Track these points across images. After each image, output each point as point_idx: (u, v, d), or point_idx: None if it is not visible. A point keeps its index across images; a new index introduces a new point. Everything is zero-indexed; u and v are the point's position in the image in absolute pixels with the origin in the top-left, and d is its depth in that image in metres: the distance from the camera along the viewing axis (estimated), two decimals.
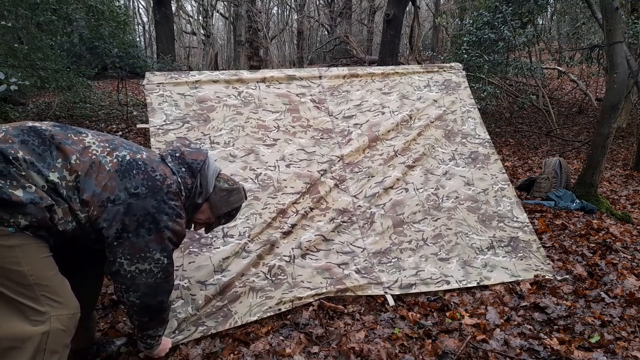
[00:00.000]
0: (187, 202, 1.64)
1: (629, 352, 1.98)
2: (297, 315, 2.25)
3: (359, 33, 20.41)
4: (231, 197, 1.78)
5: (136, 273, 1.50)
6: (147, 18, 24.12)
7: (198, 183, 1.65)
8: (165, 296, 1.63)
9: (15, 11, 5.64)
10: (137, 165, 1.49)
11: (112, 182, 1.43)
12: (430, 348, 2.02)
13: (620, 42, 4.10)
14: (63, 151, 1.39)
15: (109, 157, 1.46)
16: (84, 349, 1.90)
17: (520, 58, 9.22)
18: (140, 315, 1.62)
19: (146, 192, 1.47)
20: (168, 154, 1.65)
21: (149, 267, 1.51)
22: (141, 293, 1.54)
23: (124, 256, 1.48)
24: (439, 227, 2.77)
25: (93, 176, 1.41)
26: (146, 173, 1.49)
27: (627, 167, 6.47)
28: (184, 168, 1.63)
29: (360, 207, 2.74)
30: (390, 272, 2.53)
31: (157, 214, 1.48)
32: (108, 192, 1.42)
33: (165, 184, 1.51)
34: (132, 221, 1.45)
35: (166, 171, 1.56)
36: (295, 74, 3.07)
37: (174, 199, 1.54)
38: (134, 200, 1.45)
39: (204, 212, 1.77)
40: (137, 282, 1.52)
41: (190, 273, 2.25)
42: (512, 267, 2.68)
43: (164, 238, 1.51)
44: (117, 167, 1.45)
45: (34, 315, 1.34)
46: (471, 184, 3.00)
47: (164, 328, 1.76)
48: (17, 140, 1.34)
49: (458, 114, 3.26)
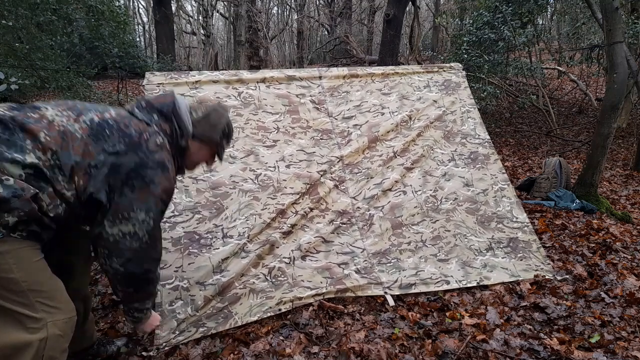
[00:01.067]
0: (172, 149, 1.55)
1: (629, 352, 1.98)
2: (297, 315, 2.25)
3: (359, 33, 20.42)
4: (212, 120, 1.67)
5: (119, 236, 1.39)
6: (147, 18, 24.12)
7: (176, 126, 1.56)
8: (152, 265, 1.52)
9: (15, 11, 5.64)
10: (108, 125, 1.39)
11: (88, 148, 1.35)
12: (430, 348, 2.02)
13: (620, 42, 4.10)
14: (29, 131, 1.29)
15: (76, 125, 1.36)
16: (84, 349, 1.89)
17: (520, 58, 9.22)
18: (125, 284, 1.50)
19: (125, 149, 1.38)
20: (134, 107, 1.55)
21: (134, 230, 1.40)
22: (125, 259, 1.42)
23: (107, 217, 1.38)
24: (438, 229, 2.77)
25: (69, 147, 1.32)
26: (120, 130, 1.40)
27: (627, 167, 6.47)
28: (156, 115, 1.53)
29: (359, 209, 2.74)
30: (390, 272, 2.53)
31: (141, 169, 1.39)
32: (88, 159, 1.35)
33: (143, 139, 1.42)
34: (117, 180, 1.37)
35: (140, 125, 1.46)
36: (295, 75, 3.07)
37: (157, 151, 1.43)
38: (113, 159, 1.36)
39: (199, 149, 1.67)
40: (121, 247, 1.40)
41: (190, 274, 2.25)
42: (511, 267, 2.68)
43: (150, 194, 1.41)
44: (88, 132, 1.36)
45: (29, 323, 1.31)
46: (470, 185, 3.00)
47: (152, 301, 1.66)
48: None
49: (458, 114, 3.26)
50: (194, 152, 1.66)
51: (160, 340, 2.02)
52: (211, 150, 1.72)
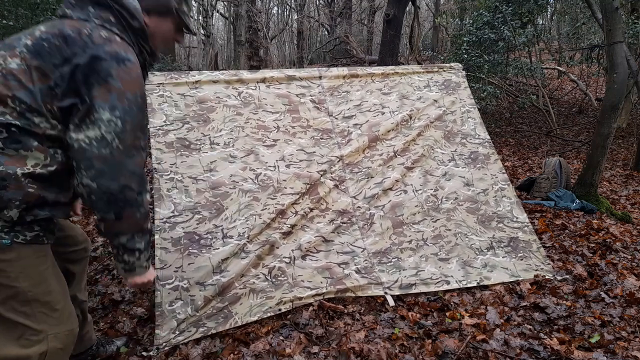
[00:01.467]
0: (128, 34, 1.34)
1: (629, 352, 1.98)
2: (297, 315, 2.25)
3: (359, 33, 20.42)
4: None
5: (85, 143, 1.20)
6: None
7: (117, 7, 1.32)
8: (131, 181, 1.26)
9: (15, 11, 5.64)
10: (45, 40, 1.21)
11: (40, 72, 1.19)
12: (430, 348, 2.02)
13: (620, 42, 4.10)
14: None
15: (15, 59, 1.19)
16: (83, 351, 1.89)
17: (520, 58, 9.23)
18: (102, 207, 1.26)
19: (70, 52, 1.20)
20: (64, 9, 1.33)
21: (100, 134, 1.19)
22: (95, 171, 1.21)
23: (71, 121, 1.21)
24: (439, 228, 2.77)
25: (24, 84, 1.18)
26: (59, 38, 1.21)
27: (627, 167, 6.47)
28: (92, 8, 1.31)
29: (359, 208, 2.74)
30: (390, 272, 2.53)
31: (93, 62, 1.20)
32: (47, 83, 1.20)
33: (84, 35, 1.23)
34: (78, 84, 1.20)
35: (75, 24, 1.26)
36: (295, 74, 3.07)
37: (104, 44, 1.23)
38: (66, 68, 1.19)
39: (159, 24, 1.44)
40: (88, 155, 1.20)
41: (190, 274, 2.25)
42: (512, 267, 2.68)
43: (111, 90, 1.21)
44: (31, 58, 1.20)
45: (29, 334, 1.26)
46: (471, 185, 3.00)
47: (146, 241, 1.39)
48: None
49: (458, 114, 3.26)
50: (155, 29, 1.43)
51: (160, 340, 2.02)
52: (174, 21, 1.46)
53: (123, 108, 1.22)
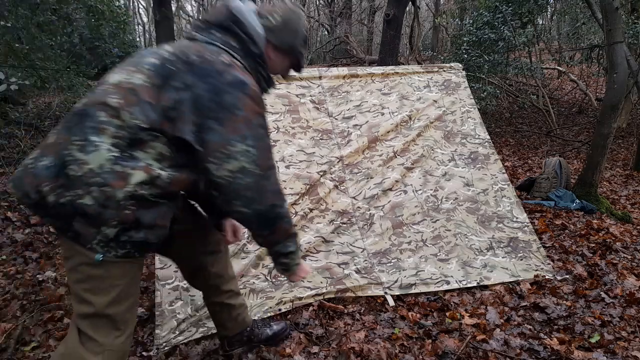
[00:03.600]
0: (247, 62, 1.37)
1: (629, 352, 1.98)
2: (297, 315, 2.26)
3: (359, 33, 20.41)
4: (291, 24, 1.45)
5: (229, 177, 1.24)
6: (147, 18, 24.12)
7: (241, 34, 1.36)
8: (276, 199, 1.35)
9: (15, 11, 5.64)
10: (169, 61, 1.23)
11: (160, 92, 1.20)
12: (430, 348, 2.02)
13: (620, 42, 4.10)
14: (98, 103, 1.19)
15: (140, 75, 1.21)
16: (238, 333, 1.90)
17: (520, 58, 9.23)
18: (257, 227, 1.39)
19: (193, 79, 1.21)
20: (193, 30, 1.39)
21: (240, 165, 1.24)
22: (245, 200, 1.28)
23: (208, 160, 1.23)
24: (438, 229, 2.77)
25: (142, 99, 1.19)
26: (183, 62, 1.23)
27: (627, 167, 6.47)
28: (216, 31, 1.35)
29: (359, 209, 2.74)
30: (390, 272, 2.53)
31: (217, 96, 1.21)
32: (165, 102, 1.20)
33: (208, 61, 1.25)
34: (200, 116, 1.21)
35: (199, 48, 1.28)
36: (295, 74, 3.07)
37: (226, 70, 1.25)
38: (188, 95, 1.20)
39: (278, 58, 1.49)
40: (235, 188, 1.26)
41: None
42: (512, 267, 2.68)
43: (238, 121, 1.23)
44: (154, 77, 1.21)
45: (90, 344, 1.27)
46: (470, 185, 3.00)
47: (295, 243, 1.51)
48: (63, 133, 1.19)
49: (458, 115, 3.26)
50: (273, 62, 1.48)
51: (160, 340, 2.02)
52: (291, 59, 1.52)
53: (253, 135, 1.25)
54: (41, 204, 1.16)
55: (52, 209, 1.15)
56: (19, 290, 2.48)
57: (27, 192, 1.16)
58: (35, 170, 1.16)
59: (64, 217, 1.16)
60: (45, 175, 1.15)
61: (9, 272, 2.67)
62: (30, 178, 1.17)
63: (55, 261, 2.85)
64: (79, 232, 1.17)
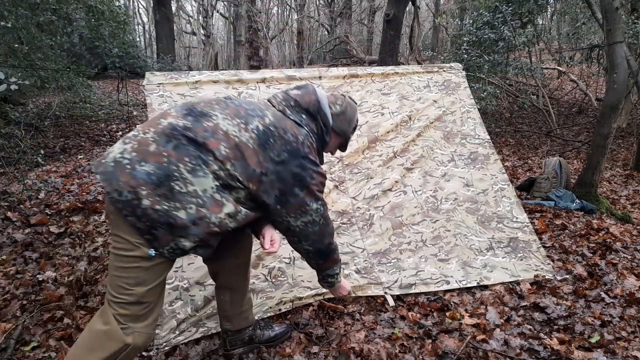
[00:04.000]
0: (318, 144, 1.72)
1: (629, 352, 1.98)
2: (297, 315, 2.26)
3: (359, 33, 20.42)
4: (348, 115, 1.82)
5: (303, 226, 1.65)
6: (147, 18, 24.12)
7: (321, 124, 1.71)
8: (331, 238, 1.79)
9: (15, 11, 5.64)
10: (271, 133, 1.53)
11: (259, 157, 1.49)
12: (430, 348, 2.02)
13: (620, 42, 4.10)
14: (210, 146, 1.40)
15: (247, 134, 1.48)
16: (240, 329, 1.96)
17: (520, 58, 9.22)
18: (316, 258, 1.81)
19: (288, 157, 1.54)
20: (284, 106, 1.67)
21: (311, 218, 1.65)
22: (312, 241, 1.71)
23: (289, 215, 1.61)
24: (438, 229, 2.77)
25: (244, 158, 1.45)
26: (281, 138, 1.54)
27: (627, 167, 6.47)
28: (304, 115, 1.68)
29: (359, 209, 2.74)
30: (390, 272, 2.53)
31: (302, 172, 1.57)
32: (259, 168, 1.49)
33: (299, 143, 1.58)
34: (285, 185, 1.55)
35: (294, 128, 1.60)
36: (295, 75, 3.07)
37: (310, 152, 1.61)
38: (280, 168, 1.53)
39: (333, 140, 1.83)
40: (306, 233, 1.67)
41: (189, 274, 2.25)
42: (512, 267, 2.68)
43: (313, 188, 1.62)
44: (257, 141, 1.49)
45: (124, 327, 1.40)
46: (470, 185, 3.00)
47: (339, 266, 1.93)
48: (170, 149, 1.36)
49: (458, 115, 3.26)
50: (330, 141, 1.82)
51: (160, 340, 2.02)
52: (340, 141, 1.87)
53: (319, 197, 1.66)
54: (132, 204, 1.30)
55: (142, 211, 1.30)
56: (19, 290, 2.48)
57: (120, 190, 1.30)
58: (135, 172, 1.31)
59: (151, 221, 1.32)
60: (145, 180, 1.31)
61: (9, 272, 2.67)
62: (126, 177, 1.30)
63: (55, 261, 2.85)
64: (157, 237, 1.34)
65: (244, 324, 1.97)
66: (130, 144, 1.37)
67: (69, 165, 5.33)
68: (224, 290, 1.91)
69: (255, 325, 2.02)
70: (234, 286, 1.91)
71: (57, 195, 4.06)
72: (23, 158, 5.01)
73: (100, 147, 6.54)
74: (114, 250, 1.39)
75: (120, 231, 1.36)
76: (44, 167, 5.19)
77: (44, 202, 3.83)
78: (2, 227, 3.28)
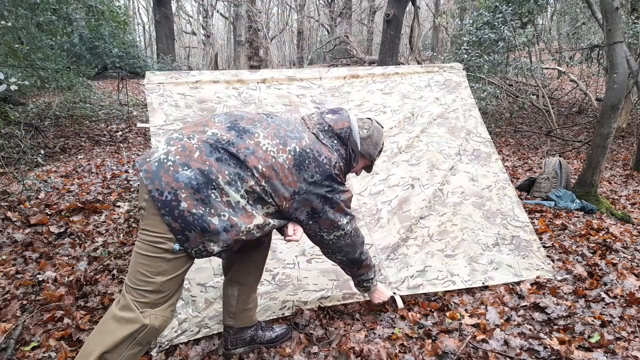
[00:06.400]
0: (346, 168, 1.81)
1: (629, 352, 1.98)
2: (297, 316, 2.26)
3: (359, 33, 20.42)
4: (374, 139, 1.89)
5: (335, 239, 1.78)
6: (147, 18, 24.12)
7: (350, 150, 1.79)
8: (362, 247, 1.92)
9: (15, 11, 5.64)
10: (306, 155, 1.61)
11: (293, 177, 1.58)
12: (430, 348, 2.02)
13: (620, 42, 4.10)
14: (250, 163, 1.49)
15: (283, 155, 1.56)
16: (243, 328, 1.97)
17: (520, 58, 9.22)
18: (350, 267, 1.96)
19: (320, 178, 1.63)
20: (319, 130, 1.73)
21: (343, 232, 1.77)
22: (345, 252, 1.85)
23: (322, 230, 1.74)
24: (445, 223, 2.77)
25: (279, 177, 1.54)
26: (315, 160, 1.63)
27: (627, 167, 6.47)
28: (336, 140, 1.75)
29: (365, 204, 2.73)
30: (399, 269, 2.52)
31: (332, 193, 1.68)
32: (293, 187, 1.58)
33: (331, 166, 1.66)
34: (317, 204, 1.66)
35: (327, 152, 1.68)
36: (295, 75, 3.07)
37: (339, 175, 1.71)
38: (313, 188, 1.63)
39: (359, 164, 1.91)
40: (339, 245, 1.81)
41: (191, 275, 2.25)
42: (515, 265, 2.68)
43: (343, 207, 1.74)
44: (293, 162, 1.58)
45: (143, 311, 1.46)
46: (475, 180, 3.00)
47: (373, 272, 2.08)
48: (212, 159, 1.44)
49: (460, 112, 3.26)
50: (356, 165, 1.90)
51: (163, 339, 2.02)
52: (365, 163, 1.94)
53: (348, 212, 1.78)
54: (171, 205, 1.37)
55: (179, 212, 1.38)
56: (19, 290, 2.48)
57: (161, 190, 1.37)
58: (177, 175, 1.39)
59: (186, 222, 1.38)
60: (186, 184, 1.38)
61: (9, 272, 2.67)
62: (169, 179, 1.38)
63: (55, 261, 2.85)
64: (189, 238, 1.41)
65: (247, 322, 1.98)
66: (175, 147, 1.44)
67: (68, 165, 5.33)
68: (233, 285, 1.93)
69: (257, 326, 2.03)
70: (244, 282, 1.93)
71: (57, 195, 4.06)
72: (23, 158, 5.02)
73: (100, 147, 6.54)
74: (140, 241, 1.45)
75: (151, 226, 1.42)
76: (44, 167, 5.19)
77: (43, 202, 3.82)
78: (2, 227, 3.28)
